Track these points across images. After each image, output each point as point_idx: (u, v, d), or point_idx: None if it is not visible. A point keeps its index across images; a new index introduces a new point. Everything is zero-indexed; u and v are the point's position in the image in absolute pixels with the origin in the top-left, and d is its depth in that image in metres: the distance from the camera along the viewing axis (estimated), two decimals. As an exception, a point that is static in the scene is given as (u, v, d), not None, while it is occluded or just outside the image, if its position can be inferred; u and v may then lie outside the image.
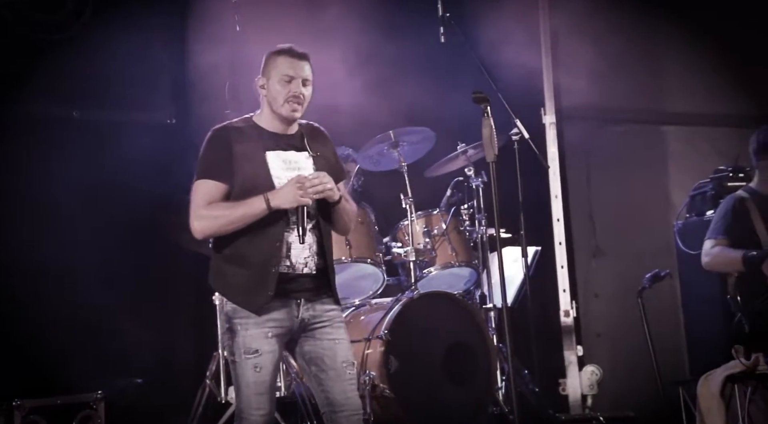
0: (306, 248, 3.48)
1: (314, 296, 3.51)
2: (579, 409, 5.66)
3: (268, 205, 3.39)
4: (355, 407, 3.49)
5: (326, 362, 3.48)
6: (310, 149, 3.56)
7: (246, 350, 3.42)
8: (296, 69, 3.51)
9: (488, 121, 4.00)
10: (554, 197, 6.03)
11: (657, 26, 7.25)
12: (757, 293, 4.45)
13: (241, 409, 3.43)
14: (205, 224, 3.44)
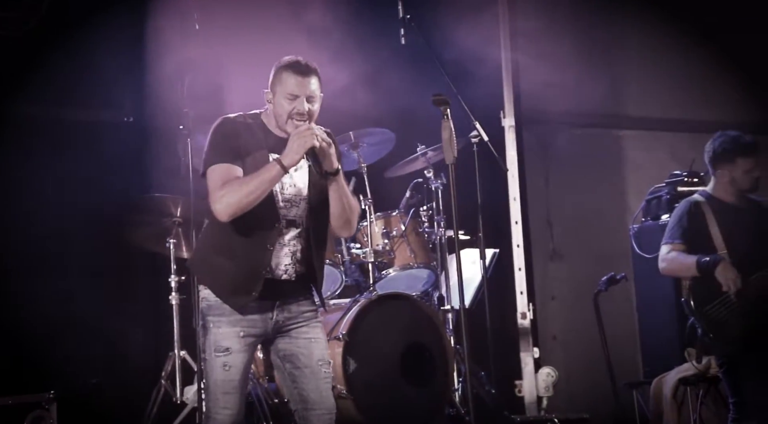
0: (288, 255, 3.47)
1: (291, 299, 3.51)
2: (535, 410, 5.70)
3: (282, 166, 3.34)
4: (329, 406, 3.49)
5: (302, 359, 3.48)
6: (308, 158, 3.45)
7: (217, 348, 3.41)
8: (301, 87, 3.44)
9: (448, 124, 4.01)
10: (513, 200, 6.07)
11: (616, 32, 7.33)
12: (710, 297, 4.50)
13: (209, 407, 3.42)
14: (226, 202, 3.34)
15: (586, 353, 6.33)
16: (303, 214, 3.49)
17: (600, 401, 5.85)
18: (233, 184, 3.35)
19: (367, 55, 5.93)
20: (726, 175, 4.62)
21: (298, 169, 3.50)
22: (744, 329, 4.44)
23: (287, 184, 3.47)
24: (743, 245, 4.54)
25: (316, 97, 3.48)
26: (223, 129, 3.46)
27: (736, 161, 4.60)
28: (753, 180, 4.61)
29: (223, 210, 3.34)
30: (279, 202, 3.45)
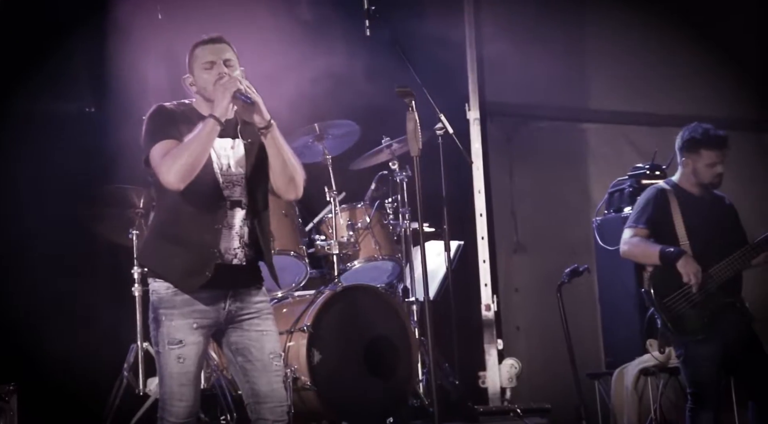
0: (236, 237, 3.47)
1: (243, 288, 3.49)
2: (498, 401, 5.73)
3: (216, 118, 3.34)
4: (280, 398, 3.48)
5: (253, 353, 3.47)
6: (242, 136, 3.51)
7: (170, 341, 3.39)
8: (214, 53, 3.48)
9: (413, 116, 4.02)
10: (477, 192, 6.08)
11: (582, 25, 7.38)
12: (670, 289, 4.54)
13: (165, 400, 3.41)
14: (174, 169, 3.32)
15: (549, 345, 6.38)
16: (245, 192, 3.48)
17: (562, 391, 5.89)
18: (174, 151, 3.35)
19: (332, 47, 5.92)
20: (689, 164, 4.67)
21: (235, 147, 3.49)
22: (703, 320, 4.50)
23: (225, 164, 3.46)
24: (704, 235, 4.58)
25: (234, 61, 3.50)
26: (158, 115, 3.47)
27: (701, 152, 4.63)
28: (714, 175, 4.64)
29: (173, 177, 3.33)
30: (221, 182, 3.45)
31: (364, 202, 5.50)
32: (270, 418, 3.45)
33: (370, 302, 5.09)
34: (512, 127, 7.10)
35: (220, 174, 3.45)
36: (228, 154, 3.48)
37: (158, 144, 3.40)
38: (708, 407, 4.48)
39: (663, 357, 5.37)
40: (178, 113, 3.48)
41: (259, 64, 5.30)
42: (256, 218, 3.51)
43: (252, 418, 3.49)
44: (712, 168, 4.63)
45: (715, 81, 7.52)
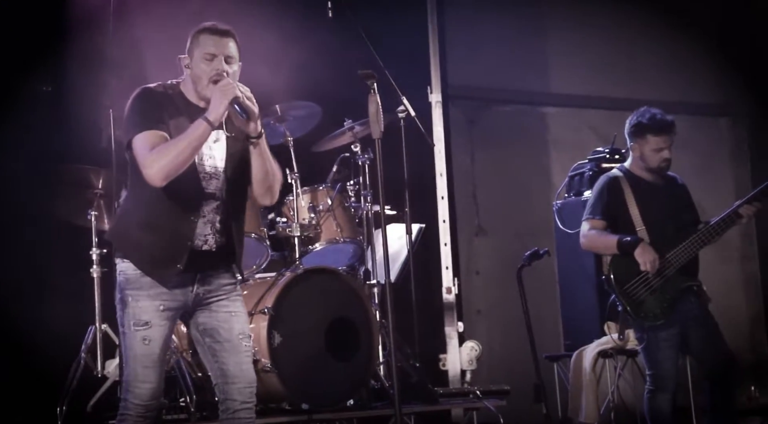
0: (208, 225, 3.45)
1: (211, 271, 3.49)
2: (458, 383, 5.77)
3: (209, 122, 3.31)
4: (249, 379, 3.48)
5: (222, 334, 3.46)
6: (226, 129, 3.48)
7: (136, 322, 3.37)
8: (218, 46, 3.42)
9: (374, 98, 4.01)
10: (439, 175, 6.10)
11: (543, 9, 7.40)
12: (629, 276, 4.59)
13: (128, 381, 3.40)
14: (158, 166, 3.29)
15: (509, 327, 6.42)
16: (222, 186, 3.46)
17: (521, 373, 5.95)
18: (162, 148, 3.31)
19: (294, 29, 5.88)
20: (637, 149, 4.71)
21: (218, 140, 3.47)
22: (662, 305, 4.55)
23: (206, 156, 3.44)
24: (659, 220, 4.63)
25: (235, 58, 3.47)
26: (143, 98, 3.42)
27: (647, 138, 4.67)
28: (662, 160, 4.66)
29: (156, 174, 3.30)
30: (200, 173, 3.43)
31: (326, 185, 5.48)
32: (238, 399, 3.45)
33: (331, 285, 5.08)
34: (474, 110, 7.12)
35: (199, 167, 3.43)
36: (210, 146, 3.45)
37: (143, 133, 3.35)
38: (666, 389, 4.54)
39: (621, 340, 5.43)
40: (164, 98, 3.43)
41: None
42: (232, 210, 3.49)
43: (220, 399, 3.49)
44: (659, 153, 4.66)
45: (675, 66, 7.59)
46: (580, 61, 7.37)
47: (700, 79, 7.78)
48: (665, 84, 7.45)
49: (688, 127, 7.50)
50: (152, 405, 3.40)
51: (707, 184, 6.69)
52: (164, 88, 3.47)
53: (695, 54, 7.74)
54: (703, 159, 7.48)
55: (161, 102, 3.41)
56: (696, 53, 7.75)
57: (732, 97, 7.79)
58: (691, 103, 7.64)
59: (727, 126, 7.82)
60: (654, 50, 7.49)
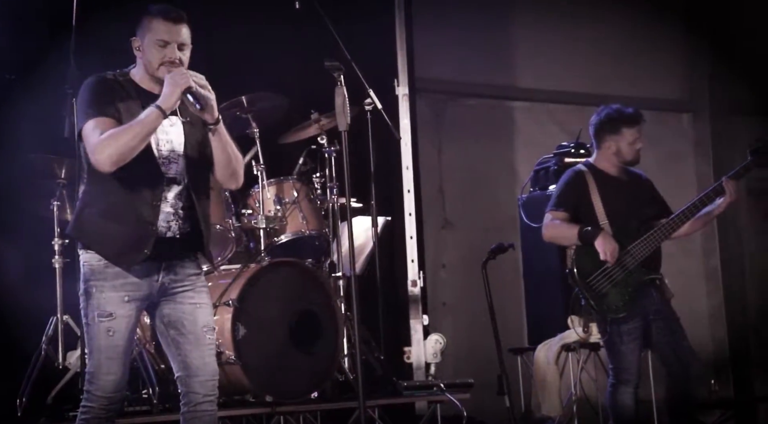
0: (171, 211, 3.43)
1: (176, 260, 3.46)
2: (422, 376, 5.78)
3: (161, 110, 3.29)
4: (211, 372, 3.46)
5: (186, 326, 3.44)
6: (181, 114, 3.47)
7: (100, 313, 3.35)
8: (171, 34, 3.40)
9: (341, 91, 4.00)
10: (405, 168, 6.09)
11: (512, 4, 7.43)
12: (592, 268, 4.62)
13: (92, 373, 3.37)
14: (108, 152, 3.27)
15: (474, 320, 6.44)
16: (182, 170, 3.45)
17: (486, 366, 5.97)
18: (112, 133, 3.29)
19: (261, 19, 5.85)
20: (612, 146, 4.73)
21: (174, 124, 3.46)
22: (624, 298, 4.59)
23: (163, 141, 3.42)
24: (623, 215, 4.67)
25: (188, 45, 3.46)
26: (93, 87, 3.40)
27: (622, 131, 4.70)
28: (636, 152, 4.73)
29: (105, 160, 3.28)
30: (158, 159, 3.41)
31: (292, 177, 5.47)
32: (201, 392, 3.43)
33: (296, 277, 5.07)
34: (441, 103, 7.13)
35: (157, 151, 3.41)
36: (166, 131, 3.44)
37: (93, 120, 3.33)
38: (628, 383, 4.58)
39: (584, 333, 5.48)
40: (116, 86, 3.41)
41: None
42: (195, 194, 3.46)
43: (182, 392, 3.46)
44: (634, 145, 4.71)
45: (640, 62, 7.65)
46: (546, 56, 7.41)
47: (664, 75, 7.85)
48: (630, 80, 7.51)
49: (652, 122, 7.57)
50: (116, 397, 3.38)
51: (670, 179, 6.74)
52: (115, 76, 3.46)
53: (659, 50, 7.82)
54: (667, 154, 7.55)
55: (112, 88, 3.40)
56: (660, 49, 7.83)
57: (695, 93, 7.87)
58: (655, 98, 7.71)
59: (689, 122, 7.90)
60: (619, 46, 7.55)
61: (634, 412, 4.61)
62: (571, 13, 7.48)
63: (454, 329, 6.70)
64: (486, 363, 5.95)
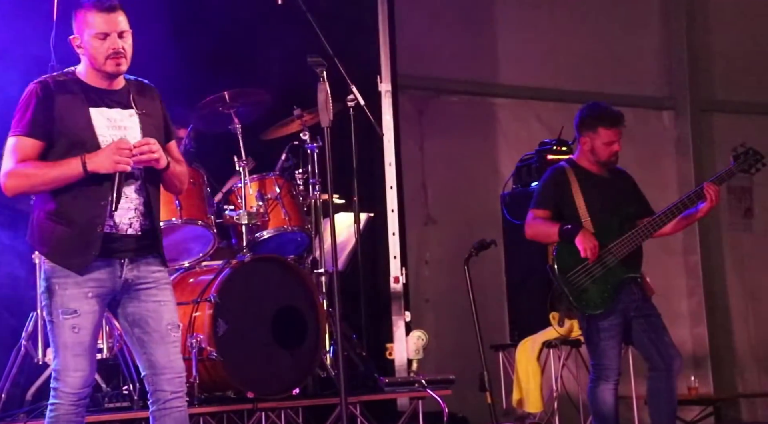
0: (131, 208, 3.40)
1: (139, 257, 3.43)
2: (404, 373, 5.79)
3: (85, 169, 3.27)
4: (178, 369, 3.45)
5: (150, 323, 3.42)
6: (136, 107, 3.44)
7: (64, 311, 3.32)
8: (109, 24, 3.35)
9: (324, 87, 4.00)
10: (388, 165, 6.09)
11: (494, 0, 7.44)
12: (572, 264, 4.63)
13: (58, 370, 3.35)
14: (17, 183, 3.31)
15: (456, 317, 6.45)
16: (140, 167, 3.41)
17: (467, 362, 5.97)
18: (30, 168, 3.29)
19: (243, 15, 5.83)
20: (587, 143, 4.75)
21: (130, 117, 3.42)
22: (603, 294, 4.61)
23: (118, 135, 3.37)
24: (604, 212, 4.69)
25: (127, 31, 3.41)
26: (33, 95, 3.35)
27: (599, 130, 4.71)
28: (611, 153, 4.70)
29: (11, 188, 3.33)
30: None
31: (274, 173, 5.45)
32: (168, 389, 3.42)
33: (278, 273, 5.07)
34: (423, 100, 7.13)
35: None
36: (125, 125, 3.40)
37: (18, 139, 3.32)
38: (609, 379, 4.60)
39: (564, 330, 5.50)
40: (57, 86, 3.36)
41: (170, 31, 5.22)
42: (151, 189, 3.45)
43: (149, 390, 3.45)
44: (610, 146, 4.70)
45: (621, 60, 7.68)
46: (528, 53, 7.42)
47: (645, 73, 7.88)
48: (611, 77, 7.53)
49: (633, 120, 7.61)
50: (84, 393, 3.36)
51: (651, 176, 6.78)
52: (59, 76, 3.41)
53: (640, 48, 7.85)
54: (648, 152, 7.58)
55: (54, 95, 3.34)
56: (641, 47, 7.86)
57: (676, 91, 7.91)
58: (636, 96, 7.74)
59: (670, 119, 7.93)
60: (600, 44, 7.57)
61: (615, 408, 4.63)
62: (553, 10, 7.50)
63: (437, 325, 6.71)
64: (468, 360, 5.96)
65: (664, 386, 4.63)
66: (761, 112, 7.94)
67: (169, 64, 4.60)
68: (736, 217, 7.97)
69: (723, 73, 7.99)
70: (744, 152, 4.68)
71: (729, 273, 7.89)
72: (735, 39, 7.90)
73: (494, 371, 5.97)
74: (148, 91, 3.54)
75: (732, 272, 7.90)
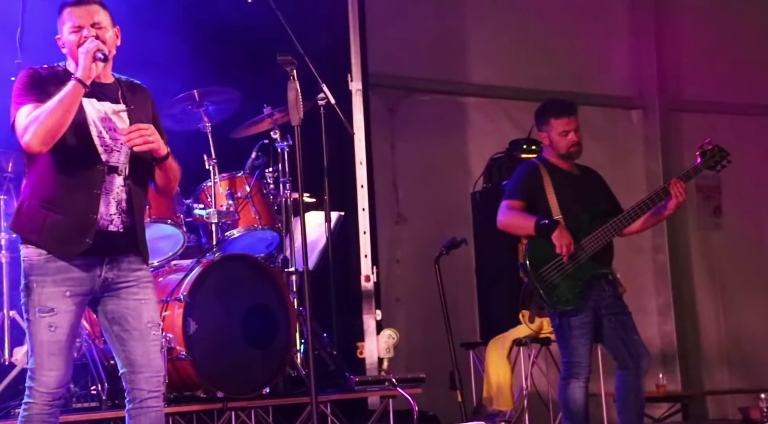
0: (114, 203, 3.39)
1: (120, 255, 3.43)
2: (375, 371, 5.79)
3: (79, 80, 3.29)
4: (156, 368, 3.44)
5: (130, 321, 3.41)
6: (126, 103, 3.46)
7: (41, 309, 3.31)
8: (82, 17, 3.40)
9: (294, 85, 3.99)
10: (359, 164, 6.09)
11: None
12: (544, 260, 4.66)
13: (34, 370, 3.33)
14: (33, 131, 3.26)
15: (427, 315, 6.47)
16: (125, 160, 3.42)
17: (438, 361, 6.00)
18: (35, 114, 3.29)
19: (213, 13, 5.80)
20: (546, 137, 4.80)
21: (118, 112, 3.44)
22: (574, 291, 4.64)
23: (105, 128, 3.40)
24: (575, 209, 4.72)
25: (104, 24, 3.43)
26: (27, 78, 3.39)
27: (551, 123, 4.75)
28: (570, 144, 4.73)
29: (34, 140, 3.27)
30: (99, 146, 3.38)
31: (245, 171, 5.44)
32: (146, 388, 3.41)
33: (248, 272, 5.05)
34: (394, 99, 7.13)
35: (98, 138, 3.38)
36: (110, 118, 3.41)
37: (23, 108, 3.32)
38: (580, 377, 4.63)
39: (535, 327, 5.53)
40: (48, 76, 3.40)
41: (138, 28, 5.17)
42: (135, 186, 3.44)
43: (127, 388, 3.44)
44: (566, 136, 4.73)
45: (591, 59, 7.72)
46: (498, 52, 7.44)
47: (614, 72, 7.93)
48: (581, 76, 7.57)
49: (602, 119, 7.68)
50: (59, 393, 3.35)
51: (620, 175, 6.82)
52: (50, 68, 3.45)
53: (610, 47, 7.90)
54: (617, 150, 7.64)
55: (46, 80, 3.38)
56: (611, 47, 7.91)
57: (644, 90, 7.97)
58: (605, 95, 7.80)
59: (639, 118, 8.00)
60: (570, 43, 7.61)
61: (585, 405, 4.66)
62: (523, 10, 7.53)
63: (408, 324, 6.72)
64: (439, 358, 5.98)
65: (633, 384, 4.66)
66: (729, 111, 8.02)
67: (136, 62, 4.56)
68: (704, 215, 8.04)
69: (691, 73, 8.05)
70: (710, 150, 4.72)
71: (697, 271, 7.97)
72: (703, 39, 7.97)
73: (465, 369, 5.99)
74: (139, 90, 3.57)
75: (700, 270, 7.97)
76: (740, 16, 7.93)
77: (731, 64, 7.93)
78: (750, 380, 7.66)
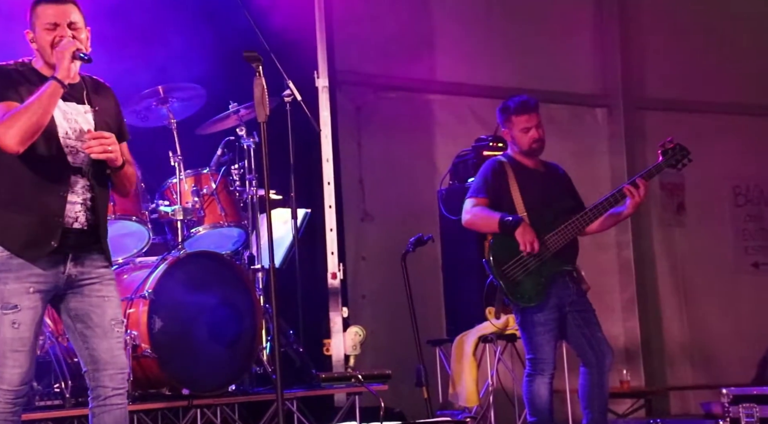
0: (78, 201, 3.38)
1: (83, 252, 3.41)
2: (342, 368, 5.79)
3: (58, 80, 3.28)
4: (120, 365, 3.43)
5: (93, 319, 3.40)
6: (90, 104, 3.44)
7: (4, 306, 3.28)
8: (58, 15, 3.38)
9: (260, 81, 3.97)
10: (325, 161, 6.08)
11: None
12: (508, 257, 4.68)
13: None
14: (12, 132, 3.23)
15: (394, 312, 6.48)
16: (89, 161, 3.41)
17: (405, 357, 6.01)
18: (13, 113, 3.26)
19: (179, 9, 5.77)
20: (508, 135, 4.83)
21: (83, 113, 3.42)
22: (538, 287, 4.66)
23: (71, 129, 3.39)
24: (539, 206, 4.74)
25: (79, 24, 3.42)
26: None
27: (512, 119, 4.78)
28: (532, 141, 4.75)
29: (12, 140, 3.24)
30: (65, 147, 3.37)
31: (210, 168, 5.41)
32: (110, 385, 3.40)
33: (214, 269, 5.03)
34: (361, 96, 7.13)
35: (64, 139, 3.37)
36: (76, 119, 3.40)
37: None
38: (545, 373, 4.65)
39: (501, 324, 5.56)
40: (17, 74, 3.37)
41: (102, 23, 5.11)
42: (98, 185, 3.43)
43: (91, 386, 3.42)
44: (527, 133, 4.75)
45: (556, 57, 7.77)
46: (464, 50, 7.47)
47: (579, 70, 7.98)
48: (546, 74, 7.61)
49: (567, 116, 7.73)
50: (22, 391, 3.32)
51: (585, 172, 6.88)
52: (16, 65, 3.43)
53: (574, 45, 7.95)
54: (582, 148, 7.69)
55: (13, 78, 3.36)
56: (575, 44, 7.96)
57: (609, 88, 8.03)
58: (570, 93, 7.85)
59: (604, 116, 8.06)
60: (537, 40, 7.65)
61: (550, 401, 4.69)
62: (489, 7, 7.57)
63: (374, 321, 6.72)
64: (405, 355, 6.00)
65: (596, 381, 4.70)
66: (693, 109, 8.10)
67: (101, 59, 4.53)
68: (668, 212, 8.12)
69: (655, 72, 8.13)
70: (672, 148, 4.77)
71: (661, 268, 8.04)
72: (667, 38, 8.05)
73: (431, 366, 6.01)
74: (104, 90, 3.56)
75: (664, 267, 8.05)
76: (702, 16, 8.02)
77: (695, 63, 8.01)
78: (712, 376, 7.76)
